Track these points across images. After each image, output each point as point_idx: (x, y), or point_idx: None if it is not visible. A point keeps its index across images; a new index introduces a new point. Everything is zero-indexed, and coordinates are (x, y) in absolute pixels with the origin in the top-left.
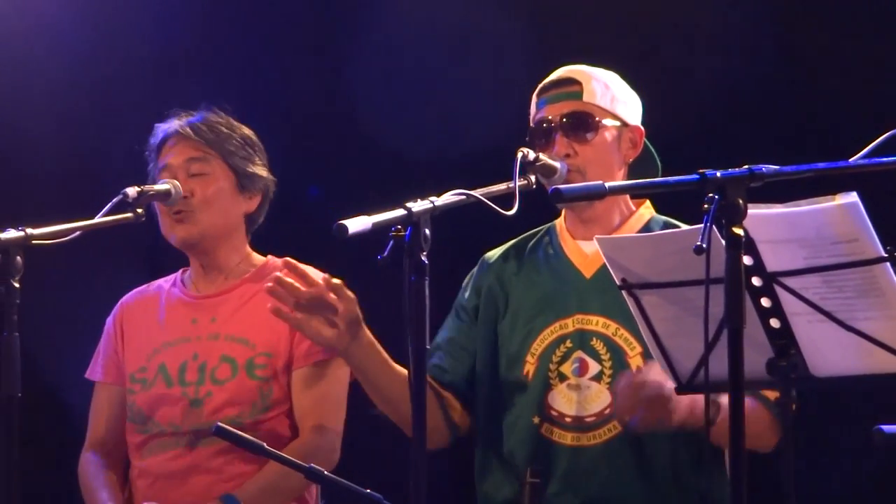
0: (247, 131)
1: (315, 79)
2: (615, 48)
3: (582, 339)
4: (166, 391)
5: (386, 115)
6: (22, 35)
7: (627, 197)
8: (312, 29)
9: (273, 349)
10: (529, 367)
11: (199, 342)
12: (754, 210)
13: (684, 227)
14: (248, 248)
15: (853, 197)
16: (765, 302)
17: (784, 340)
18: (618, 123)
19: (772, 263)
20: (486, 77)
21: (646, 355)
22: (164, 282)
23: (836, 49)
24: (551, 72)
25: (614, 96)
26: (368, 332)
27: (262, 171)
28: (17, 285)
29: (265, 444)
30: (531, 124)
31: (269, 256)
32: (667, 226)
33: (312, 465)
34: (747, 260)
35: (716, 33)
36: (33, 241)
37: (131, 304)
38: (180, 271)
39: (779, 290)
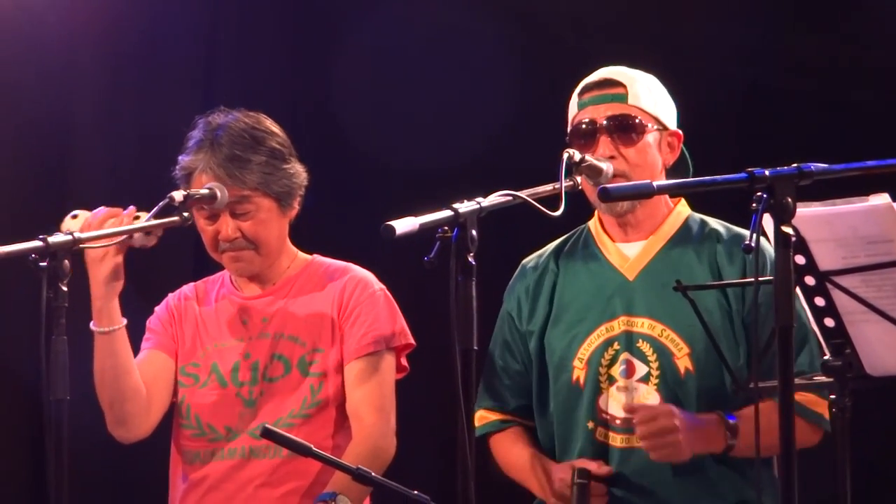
0: (271, 141)
1: (300, 85)
2: (615, 52)
3: (629, 341)
4: (221, 391)
5: (371, 123)
6: (65, 41)
7: (667, 196)
8: (296, 34)
9: (323, 345)
10: (579, 372)
11: (251, 342)
12: (800, 209)
13: (716, 223)
14: (294, 249)
15: (886, 198)
16: (819, 301)
17: (839, 339)
18: (659, 127)
19: (824, 263)
20: (475, 84)
21: (693, 357)
22: (210, 283)
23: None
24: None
25: (656, 100)
26: None
27: (297, 176)
28: (65, 289)
29: (312, 446)
30: (571, 125)
31: (315, 255)
32: (703, 224)
33: (360, 466)
34: (800, 259)
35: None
36: (81, 245)
37: (181, 300)
38: (226, 271)
39: (831, 288)
